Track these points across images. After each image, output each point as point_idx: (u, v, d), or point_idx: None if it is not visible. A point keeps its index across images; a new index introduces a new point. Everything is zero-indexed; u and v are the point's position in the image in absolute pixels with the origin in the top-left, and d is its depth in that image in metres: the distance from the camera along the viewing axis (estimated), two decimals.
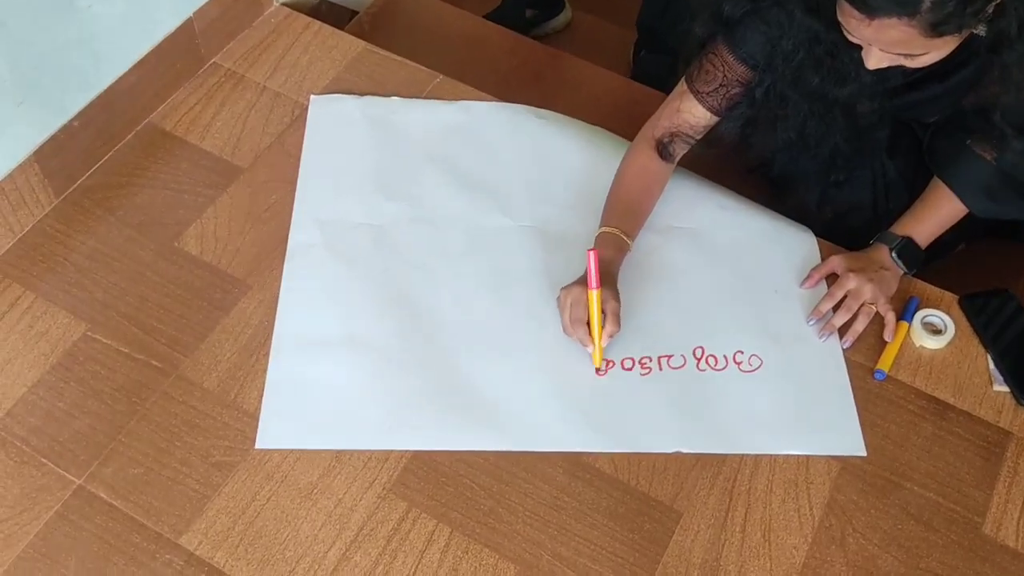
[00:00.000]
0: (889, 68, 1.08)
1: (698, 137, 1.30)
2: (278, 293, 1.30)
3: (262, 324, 1.28)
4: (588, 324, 1.21)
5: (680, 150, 1.32)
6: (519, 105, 1.54)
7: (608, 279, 1.23)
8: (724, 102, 1.24)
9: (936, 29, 0.99)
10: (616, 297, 1.22)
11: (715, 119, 1.27)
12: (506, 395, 1.23)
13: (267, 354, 1.25)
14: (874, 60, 1.06)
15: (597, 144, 1.49)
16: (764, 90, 1.19)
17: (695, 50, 1.27)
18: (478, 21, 1.90)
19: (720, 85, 1.22)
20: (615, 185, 1.34)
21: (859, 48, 1.09)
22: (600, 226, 1.30)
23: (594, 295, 1.19)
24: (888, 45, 1.04)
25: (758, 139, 1.27)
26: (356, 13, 1.84)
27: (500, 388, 1.24)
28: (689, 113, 1.27)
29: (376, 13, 1.83)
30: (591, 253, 1.18)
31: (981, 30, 1.06)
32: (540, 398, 1.23)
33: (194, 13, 1.49)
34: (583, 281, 1.21)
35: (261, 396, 1.21)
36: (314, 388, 1.23)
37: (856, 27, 1.04)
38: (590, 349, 1.23)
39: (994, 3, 1.01)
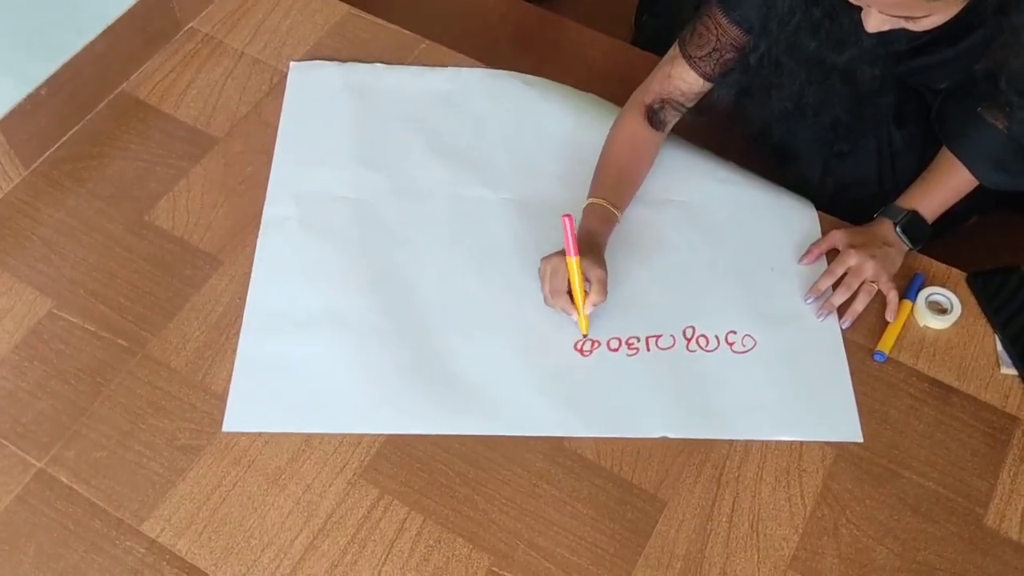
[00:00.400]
0: (891, 32, 1.01)
1: (689, 105, 1.23)
2: (251, 269, 1.25)
3: (233, 302, 1.23)
4: (570, 294, 1.16)
5: (671, 118, 1.25)
6: (507, 72, 1.47)
7: (594, 249, 1.18)
8: (717, 68, 1.17)
9: None
10: (602, 265, 1.16)
11: (708, 85, 1.20)
12: (485, 376, 1.18)
13: (237, 333, 1.20)
14: (874, 23, 0.99)
15: (587, 111, 1.42)
16: (759, 56, 1.11)
17: (691, 13, 1.20)
18: None
19: (713, 49, 1.15)
20: (603, 154, 1.28)
21: (859, 10, 1.01)
22: (588, 197, 1.24)
23: (573, 262, 1.13)
24: (887, 7, 0.96)
25: (753, 108, 1.20)
26: None
27: (479, 369, 1.18)
28: (681, 79, 1.20)
29: None
30: (566, 219, 1.12)
31: None
32: (521, 380, 1.18)
33: None
34: (564, 251, 1.15)
35: (230, 377, 1.17)
36: (285, 369, 1.18)
37: None
38: (574, 317, 1.17)
39: None
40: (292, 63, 1.46)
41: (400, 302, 1.23)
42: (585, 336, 1.19)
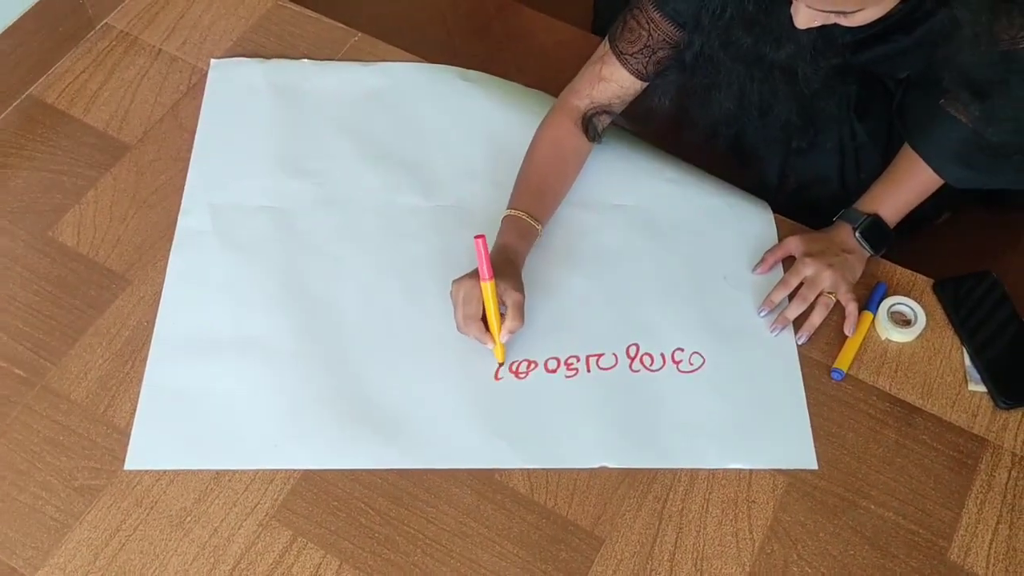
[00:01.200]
0: (832, 26, 0.91)
1: (621, 108, 1.13)
2: (161, 289, 1.16)
3: (140, 325, 1.14)
4: (485, 320, 1.07)
5: (604, 123, 1.16)
6: (444, 66, 1.37)
7: (509, 269, 1.08)
8: (651, 66, 1.07)
9: None
10: (519, 288, 1.08)
11: (642, 84, 1.10)
12: (410, 404, 1.09)
13: (144, 360, 1.11)
14: (803, 18, 0.90)
15: (532, 110, 1.31)
16: (694, 54, 1.02)
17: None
18: None
19: (645, 46, 1.06)
20: (526, 161, 1.19)
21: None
22: (507, 207, 1.15)
23: (487, 287, 1.05)
24: (816, 1, 0.87)
25: (696, 110, 1.10)
26: None
27: (403, 396, 1.09)
28: (612, 80, 1.11)
29: None
30: (478, 240, 1.03)
31: None
32: (449, 407, 1.09)
33: None
34: (476, 273, 1.06)
35: (134, 410, 1.08)
36: (195, 399, 1.09)
37: None
38: (490, 346, 1.08)
39: None
40: (213, 61, 1.36)
41: (320, 324, 1.14)
42: (501, 364, 1.10)
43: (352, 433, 1.07)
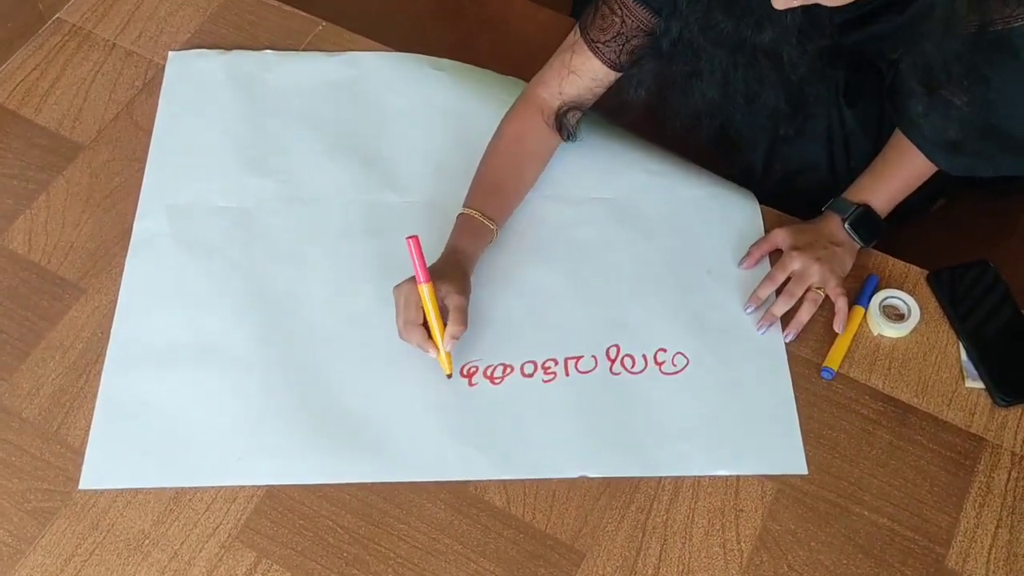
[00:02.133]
0: (808, 8, 0.86)
1: (593, 101, 1.08)
2: (117, 298, 1.11)
3: (95, 337, 1.08)
4: (426, 326, 1.02)
5: (575, 119, 1.10)
6: (413, 55, 1.31)
7: (455, 272, 1.03)
8: (624, 55, 1.01)
9: None
10: (462, 290, 1.02)
11: (614, 75, 1.05)
12: (381, 413, 1.04)
13: (99, 374, 1.06)
14: None
15: (507, 100, 1.23)
16: (671, 41, 0.96)
17: None
18: None
19: (618, 33, 1.00)
20: (485, 156, 1.13)
21: None
22: (463, 205, 1.10)
23: (424, 290, 0.99)
24: None
25: (677, 100, 1.05)
26: None
27: (373, 405, 1.04)
28: (583, 70, 1.05)
29: None
30: (410, 241, 0.98)
31: None
32: (421, 416, 1.04)
33: None
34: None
35: (89, 426, 1.03)
36: (153, 414, 1.04)
37: None
38: (432, 355, 1.03)
39: None
40: (170, 53, 1.29)
41: (285, 331, 1.09)
42: (449, 377, 1.05)
43: (318, 446, 1.02)
